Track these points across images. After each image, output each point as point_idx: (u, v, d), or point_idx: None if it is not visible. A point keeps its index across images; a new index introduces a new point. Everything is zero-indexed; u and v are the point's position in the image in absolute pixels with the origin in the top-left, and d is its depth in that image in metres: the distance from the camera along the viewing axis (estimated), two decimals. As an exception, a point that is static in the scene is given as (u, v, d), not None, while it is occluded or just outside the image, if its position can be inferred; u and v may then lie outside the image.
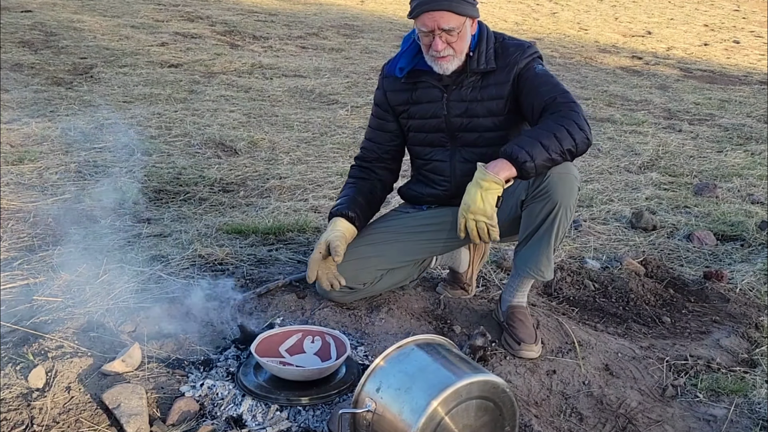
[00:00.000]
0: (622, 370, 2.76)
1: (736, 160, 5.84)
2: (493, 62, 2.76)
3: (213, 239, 3.66)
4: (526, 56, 2.76)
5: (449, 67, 2.73)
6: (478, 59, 2.75)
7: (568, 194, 2.60)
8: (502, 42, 2.80)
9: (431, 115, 2.87)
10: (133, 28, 9.90)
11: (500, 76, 2.76)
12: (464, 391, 1.96)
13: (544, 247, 2.68)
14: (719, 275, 3.61)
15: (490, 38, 2.80)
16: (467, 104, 2.81)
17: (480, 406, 2.01)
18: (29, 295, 2.97)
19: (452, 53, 2.70)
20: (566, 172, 2.60)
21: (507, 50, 2.77)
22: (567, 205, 2.61)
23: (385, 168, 3.07)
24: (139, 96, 6.55)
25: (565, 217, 2.63)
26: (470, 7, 2.67)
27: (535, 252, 2.70)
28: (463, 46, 2.71)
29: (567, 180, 2.60)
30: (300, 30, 11.11)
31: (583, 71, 9.55)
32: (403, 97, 2.90)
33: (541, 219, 2.62)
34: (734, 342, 3.06)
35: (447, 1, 2.60)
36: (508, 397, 2.06)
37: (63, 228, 3.70)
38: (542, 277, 2.77)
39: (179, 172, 4.68)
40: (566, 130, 2.55)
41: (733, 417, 2.54)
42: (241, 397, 2.37)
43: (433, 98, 2.85)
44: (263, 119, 6.15)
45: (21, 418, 2.23)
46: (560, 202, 2.59)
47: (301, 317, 2.94)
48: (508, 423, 2.08)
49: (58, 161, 4.69)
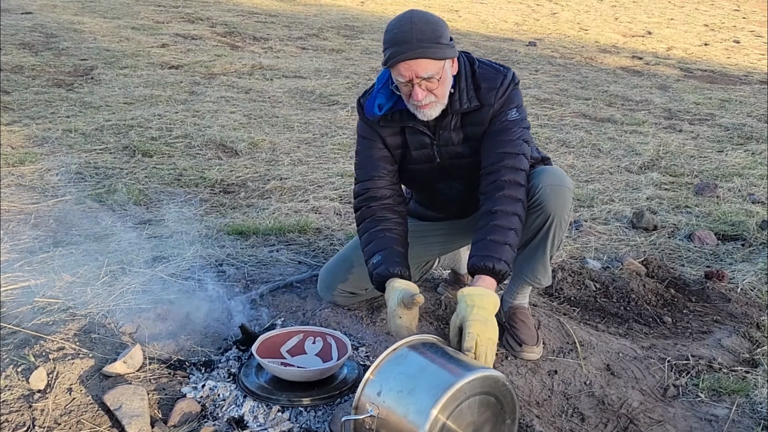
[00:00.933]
0: (624, 370, 2.76)
1: (736, 160, 5.84)
2: (475, 100, 2.59)
3: (214, 240, 3.66)
4: (500, 96, 2.59)
5: (432, 114, 2.55)
6: (459, 98, 2.59)
7: (562, 206, 2.59)
8: (474, 74, 2.61)
9: (424, 160, 2.72)
10: (134, 29, 9.90)
11: (478, 115, 2.61)
12: (467, 388, 1.96)
13: (539, 256, 2.69)
14: (720, 275, 3.61)
15: (467, 73, 2.61)
16: (455, 147, 2.67)
17: (482, 402, 2.01)
18: (30, 296, 2.97)
19: (434, 99, 2.52)
20: (559, 183, 2.59)
21: (481, 85, 2.60)
22: (561, 216, 2.60)
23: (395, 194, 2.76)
24: (140, 97, 6.56)
25: (559, 227, 2.63)
26: (447, 49, 2.48)
27: (530, 261, 2.72)
28: (444, 91, 2.54)
29: (560, 192, 2.59)
30: (300, 31, 11.11)
31: (583, 71, 9.55)
32: (397, 140, 2.71)
33: (535, 230, 2.63)
34: (735, 342, 3.06)
35: (422, 48, 2.41)
36: (508, 390, 2.06)
37: (64, 229, 3.70)
38: (539, 284, 2.78)
39: (180, 174, 4.69)
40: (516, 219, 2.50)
41: (734, 417, 2.54)
42: (242, 398, 2.37)
43: (424, 145, 2.68)
44: (264, 120, 6.15)
45: (22, 420, 2.23)
46: (554, 214, 2.58)
47: (302, 318, 2.94)
48: (509, 416, 2.08)
49: (59, 163, 4.70)
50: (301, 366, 2.50)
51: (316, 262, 3.49)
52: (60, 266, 3.25)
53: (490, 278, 2.41)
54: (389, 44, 2.45)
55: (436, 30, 2.44)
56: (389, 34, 2.46)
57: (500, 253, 2.42)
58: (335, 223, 4.03)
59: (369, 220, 2.70)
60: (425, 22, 2.44)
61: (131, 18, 10.79)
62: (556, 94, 8.06)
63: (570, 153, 5.82)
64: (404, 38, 2.41)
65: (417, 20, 2.43)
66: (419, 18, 2.45)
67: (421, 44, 2.39)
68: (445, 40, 2.46)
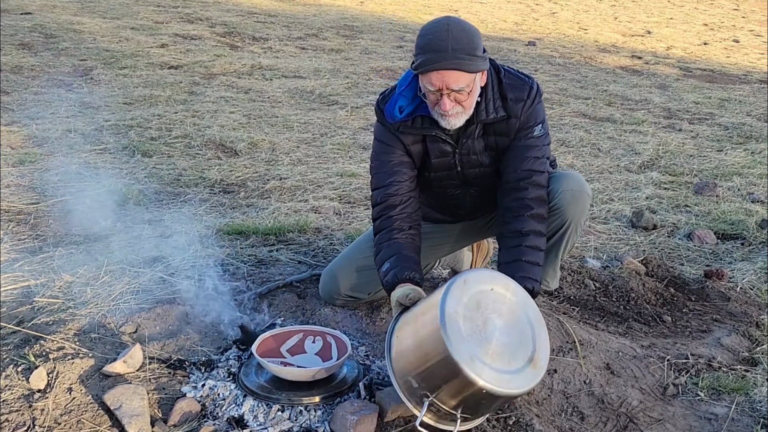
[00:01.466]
0: (623, 369, 2.76)
1: (736, 159, 5.84)
2: (501, 110, 2.56)
3: (214, 240, 3.66)
4: (527, 109, 2.57)
5: (457, 123, 2.51)
6: (486, 108, 2.55)
7: (580, 212, 2.60)
8: (501, 84, 2.58)
9: (445, 167, 2.69)
10: (133, 29, 9.90)
11: (503, 126, 2.59)
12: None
13: (551, 260, 2.69)
14: (720, 274, 3.61)
15: (493, 82, 2.57)
16: (477, 156, 2.65)
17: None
18: (30, 296, 2.98)
19: (461, 110, 2.48)
20: (579, 189, 2.59)
21: (508, 96, 2.56)
22: (578, 222, 2.61)
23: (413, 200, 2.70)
24: (139, 98, 6.56)
25: (574, 233, 2.64)
26: (481, 62, 2.43)
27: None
28: (472, 102, 2.49)
29: (580, 198, 2.59)
30: (299, 31, 11.11)
31: (582, 71, 9.55)
32: (419, 148, 2.65)
33: (550, 234, 2.63)
34: (735, 340, 3.06)
35: (458, 60, 2.35)
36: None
37: (64, 230, 3.70)
38: (547, 287, 2.80)
39: (179, 174, 4.69)
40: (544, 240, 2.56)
41: (734, 415, 2.54)
42: (242, 397, 2.37)
43: (445, 153, 2.64)
44: (263, 120, 6.15)
45: (23, 419, 2.23)
46: (571, 220, 2.59)
47: (301, 317, 2.94)
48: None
49: (59, 163, 4.69)
50: (301, 365, 2.51)
51: (315, 261, 3.50)
52: (60, 266, 3.25)
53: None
54: (423, 50, 2.39)
55: (473, 41, 2.39)
56: (423, 39, 2.40)
57: (535, 274, 2.48)
58: (335, 223, 4.03)
59: (386, 231, 2.64)
60: (462, 31, 2.38)
61: (131, 18, 10.79)
62: (556, 93, 8.06)
63: (569, 152, 5.82)
64: (439, 46, 2.35)
65: (454, 28, 2.37)
66: (456, 26, 2.39)
67: (456, 55, 2.34)
68: (479, 52, 2.41)
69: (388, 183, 2.65)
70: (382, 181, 2.67)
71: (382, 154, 2.69)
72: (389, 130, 2.65)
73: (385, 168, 2.67)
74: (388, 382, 2.50)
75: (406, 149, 2.65)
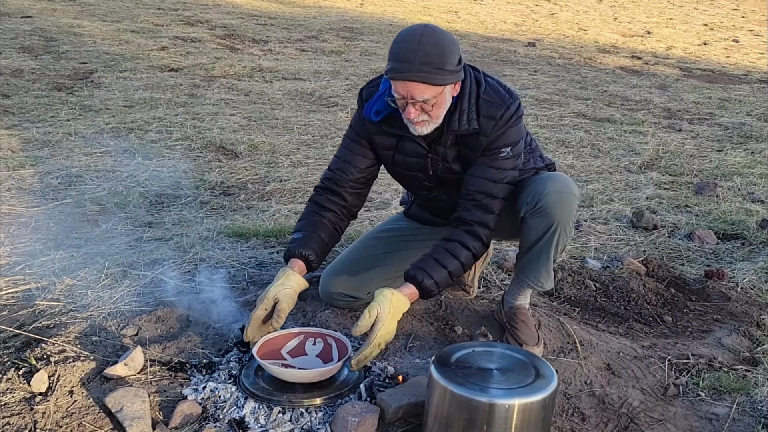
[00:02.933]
0: (624, 370, 2.76)
1: (736, 159, 5.85)
2: (475, 123, 2.53)
3: (214, 242, 3.66)
4: (497, 129, 2.54)
5: (424, 131, 2.52)
6: (459, 119, 2.53)
7: (567, 213, 2.59)
8: (479, 98, 2.55)
9: (417, 168, 2.70)
10: (133, 32, 9.91)
11: (473, 140, 2.57)
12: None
13: (543, 260, 2.68)
14: (720, 274, 3.61)
15: (471, 93, 2.54)
16: (449, 164, 2.66)
17: None
18: (31, 299, 2.98)
19: (427, 119, 2.48)
20: (565, 190, 2.59)
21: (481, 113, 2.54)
22: (566, 222, 2.60)
23: (356, 194, 2.79)
24: (140, 100, 6.56)
25: (564, 233, 2.63)
26: (450, 75, 2.41)
27: (533, 264, 2.71)
28: (440, 113, 2.49)
29: (566, 199, 2.59)
30: (299, 33, 11.12)
31: (582, 72, 9.55)
32: (387, 142, 2.69)
33: (539, 235, 2.62)
34: (736, 340, 3.06)
35: (424, 73, 2.35)
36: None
37: (65, 232, 3.71)
38: (541, 288, 2.78)
39: (180, 176, 4.69)
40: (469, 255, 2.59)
41: (735, 415, 2.54)
42: (243, 399, 2.37)
43: (419, 154, 2.66)
44: (263, 122, 6.15)
45: (24, 423, 2.23)
46: (558, 221, 2.58)
47: (302, 319, 2.94)
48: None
49: (59, 166, 4.70)
50: (302, 367, 2.51)
51: (316, 263, 3.49)
52: (61, 269, 3.26)
53: (415, 290, 2.51)
54: (392, 57, 2.40)
55: (443, 55, 2.37)
56: (395, 46, 2.41)
57: (435, 272, 2.52)
58: (335, 225, 4.03)
59: (314, 202, 2.77)
60: (434, 45, 2.36)
61: (131, 21, 10.80)
62: (556, 94, 8.07)
63: (569, 153, 5.83)
64: (407, 57, 2.35)
65: (426, 40, 2.36)
66: (429, 38, 2.37)
67: (422, 68, 2.34)
68: (450, 66, 2.40)
69: (341, 168, 2.76)
70: (336, 164, 2.79)
71: (348, 141, 2.79)
72: (362, 122, 2.72)
73: (344, 154, 2.78)
74: (389, 383, 2.50)
75: (372, 143, 2.73)
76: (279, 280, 2.56)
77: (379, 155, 2.76)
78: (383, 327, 2.41)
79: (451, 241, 2.58)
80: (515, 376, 2.18)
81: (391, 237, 3.06)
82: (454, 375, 2.16)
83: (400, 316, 2.47)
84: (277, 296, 2.51)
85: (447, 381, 2.13)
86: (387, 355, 2.73)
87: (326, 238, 2.72)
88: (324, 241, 2.70)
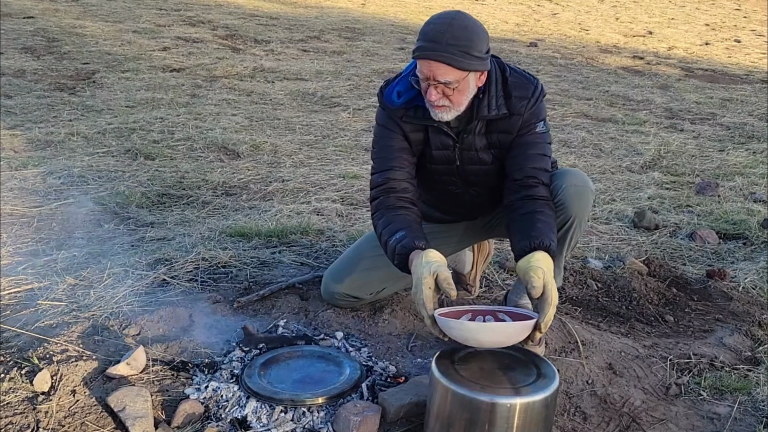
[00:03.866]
0: (626, 369, 2.76)
1: (738, 159, 5.85)
2: (504, 108, 2.54)
3: (216, 242, 3.67)
4: (531, 107, 2.56)
5: (444, 117, 2.50)
6: (488, 105, 2.53)
7: (584, 208, 2.60)
8: (506, 82, 2.57)
9: (445, 161, 2.67)
10: (135, 33, 9.92)
11: (505, 123, 2.58)
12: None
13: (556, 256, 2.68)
14: (722, 274, 3.61)
15: (497, 80, 2.55)
16: (477, 153, 2.63)
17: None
18: (34, 299, 2.99)
19: (449, 104, 2.46)
20: (583, 185, 2.59)
21: (512, 94, 2.56)
22: (582, 218, 2.61)
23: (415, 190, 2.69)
24: (142, 101, 6.57)
25: (578, 229, 2.63)
26: (477, 61, 2.40)
27: None
28: (462, 100, 2.47)
29: (584, 194, 2.59)
30: (301, 33, 11.13)
31: (584, 72, 9.55)
32: (418, 136, 2.64)
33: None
34: (737, 340, 3.06)
35: (449, 54, 2.34)
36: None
37: (67, 232, 3.71)
38: None
39: (182, 176, 4.70)
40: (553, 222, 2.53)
41: (736, 415, 2.54)
42: (245, 398, 2.37)
43: (446, 146, 2.63)
44: (265, 123, 6.16)
45: (27, 422, 2.24)
46: (575, 216, 2.59)
47: (304, 319, 2.95)
48: None
49: (62, 166, 4.71)
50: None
51: (318, 263, 3.50)
52: (63, 269, 3.26)
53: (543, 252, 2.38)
54: (421, 37, 2.42)
55: (471, 39, 2.38)
56: (426, 27, 2.43)
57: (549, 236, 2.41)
58: (337, 225, 4.04)
59: (387, 207, 2.60)
60: (463, 28, 2.37)
61: (133, 21, 10.81)
62: (558, 94, 8.07)
63: (571, 153, 5.83)
64: (436, 37, 2.36)
65: (457, 23, 2.38)
66: (460, 22, 2.39)
67: (449, 49, 2.35)
68: (477, 52, 2.39)
69: (390, 167, 2.64)
70: (383, 165, 2.66)
71: (383, 138, 2.68)
72: (389, 116, 2.65)
73: (386, 153, 2.67)
74: (390, 383, 2.51)
75: (405, 135, 2.65)
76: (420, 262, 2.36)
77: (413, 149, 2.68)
78: (553, 287, 2.28)
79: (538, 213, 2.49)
80: (517, 376, 2.18)
81: None
82: (455, 374, 2.16)
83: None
84: (436, 271, 2.32)
85: (449, 380, 2.13)
86: (389, 354, 2.73)
87: (421, 228, 2.57)
88: (421, 229, 2.56)
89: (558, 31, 13.69)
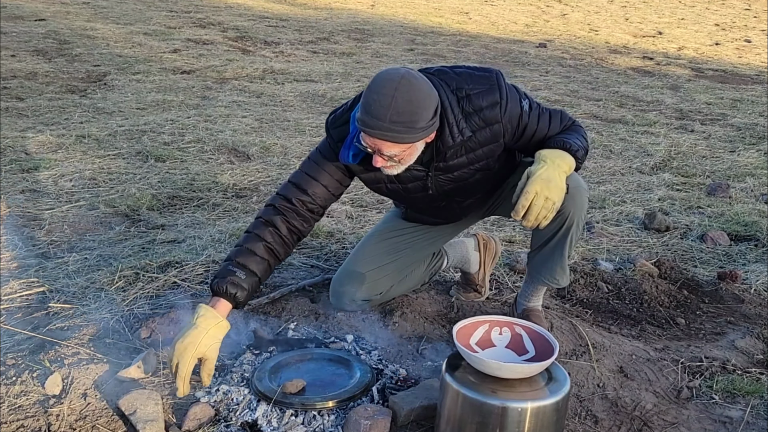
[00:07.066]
0: (637, 372, 2.75)
1: (749, 160, 5.82)
2: (467, 130, 2.45)
3: (227, 245, 3.67)
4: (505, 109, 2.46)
5: (394, 173, 2.47)
6: (451, 134, 2.43)
7: (579, 207, 2.59)
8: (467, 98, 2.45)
9: (420, 188, 2.63)
10: (146, 35, 9.96)
11: (485, 134, 2.49)
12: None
13: (557, 257, 2.68)
14: (733, 276, 3.60)
15: (452, 104, 2.43)
16: (455, 173, 2.58)
17: None
18: (45, 302, 3.00)
19: (396, 164, 2.41)
20: (576, 185, 2.59)
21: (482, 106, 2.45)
22: (579, 216, 2.60)
23: (316, 216, 2.65)
24: (152, 103, 6.59)
25: (577, 228, 2.62)
26: (422, 132, 2.31)
27: (548, 261, 2.71)
28: (411, 159, 2.42)
29: (578, 194, 2.58)
30: (311, 35, 11.14)
31: (594, 72, 9.53)
32: (375, 177, 2.60)
33: (552, 231, 2.61)
34: (749, 343, 3.05)
35: (392, 132, 2.25)
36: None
37: (78, 235, 3.73)
38: (557, 285, 2.78)
39: (192, 178, 4.71)
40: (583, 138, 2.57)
41: (749, 419, 2.53)
42: (256, 402, 2.38)
43: (417, 178, 2.58)
44: (275, 124, 6.17)
45: (38, 425, 2.25)
46: (571, 215, 2.58)
47: (314, 322, 2.95)
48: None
49: (73, 168, 4.73)
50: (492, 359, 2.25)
51: (328, 265, 3.51)
52: (74, 271, 3.28)
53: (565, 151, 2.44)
54: (363, 108, 2.31)
55: (415, 113, 2.26)
56: (368, 95, 2.29)
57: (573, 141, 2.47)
58: (347, 227, 4.04)
59: (265, 222, 2.56)
60: (407, 102, 2.25)
61: (143, 24, 10.85)
62: (567, 95, 8.05)
63: (581, 154, 5.80)
64: (378, 113, 2.25)
65: (400, 95, 2.24)
66: (404, 93, 2.25)
67: (392, 127, 2.25)
68: (422, 123, 2.29)
69: (303, 190, 2.59)
70: (299, 182, 2.60)
71: (317, 164, 2.62)
72: (333, 149, 2.58)
73: (312, 174, 2.60)
74: (401, 386, 2.51)
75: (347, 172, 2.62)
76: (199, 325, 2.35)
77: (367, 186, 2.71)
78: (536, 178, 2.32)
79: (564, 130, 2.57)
80: (528, 380, 2.18)
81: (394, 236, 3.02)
82: (466, 378, 2.16)
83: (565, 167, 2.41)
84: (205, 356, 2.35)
85: (459, 384, 2.13)
86: (399, 357, 2.73)
87: (269, 267, 2.55)
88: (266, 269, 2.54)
89: (567, 31, 13.66)
